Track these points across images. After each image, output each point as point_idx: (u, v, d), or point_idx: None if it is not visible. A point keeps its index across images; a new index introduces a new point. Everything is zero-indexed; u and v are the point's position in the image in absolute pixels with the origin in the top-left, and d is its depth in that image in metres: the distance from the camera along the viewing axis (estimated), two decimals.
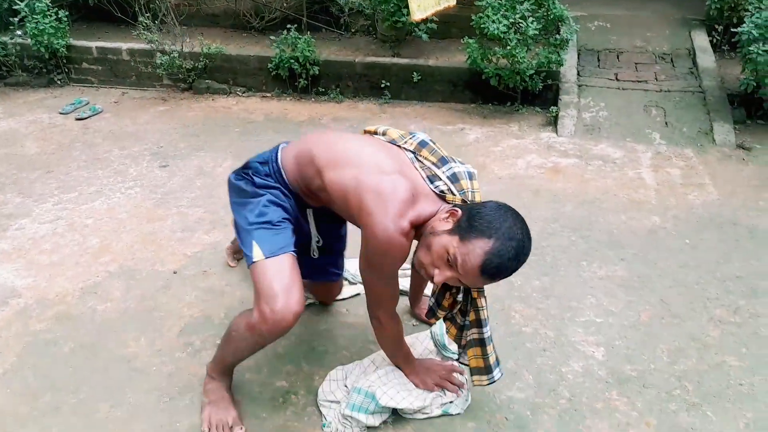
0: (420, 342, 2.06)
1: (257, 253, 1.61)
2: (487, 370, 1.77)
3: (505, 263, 1.41)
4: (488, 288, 2.39)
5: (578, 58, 4.53)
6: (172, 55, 4.53)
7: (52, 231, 2.89)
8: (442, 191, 1.59)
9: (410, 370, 1.86)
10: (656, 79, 4.26)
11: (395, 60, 4.51)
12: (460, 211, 1.49)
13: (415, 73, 4.39)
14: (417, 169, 1.63)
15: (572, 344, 2.12)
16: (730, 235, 2.76)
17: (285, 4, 5.13)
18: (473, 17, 3.91)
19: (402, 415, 1.82)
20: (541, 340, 2.14)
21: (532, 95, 4.24)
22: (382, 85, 4.46)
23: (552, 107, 4.06)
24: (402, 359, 1.85)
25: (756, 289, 2.39)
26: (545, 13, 3.90)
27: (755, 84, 3.65)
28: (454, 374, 1.90)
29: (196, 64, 4.63)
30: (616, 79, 4.31)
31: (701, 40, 4.57)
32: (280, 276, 1.58)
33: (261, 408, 1.88)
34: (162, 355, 2.10)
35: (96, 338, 2.18)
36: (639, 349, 2.10)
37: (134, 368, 2.04)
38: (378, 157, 1.59)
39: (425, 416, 1.82)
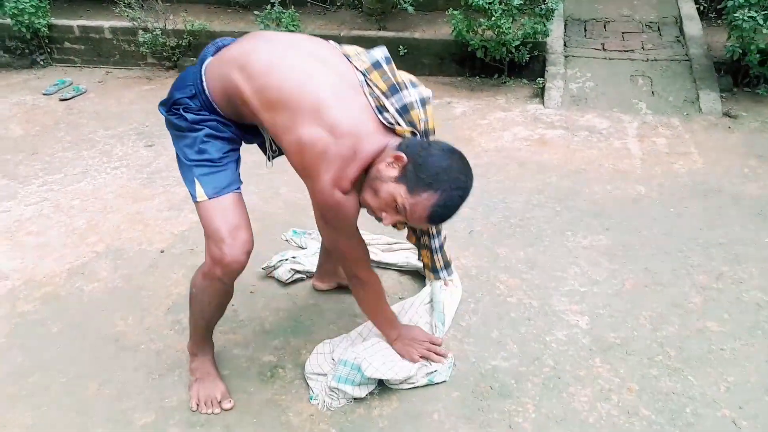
0: (408, 310, 2.09)
1: (200, 192, 1.59)
2: (433, 269, 2.10)
3: (450, 211, 1.50)
4: (472, 258, 2.42)
5: (565, 28, 4.50)
6: (155, 33, 4.47)
7: (38, 213, 2.88)
8: (390, 123, 1.52)
9: (395, 337, 1.88)
10: (643, 48, 4.24)
11: (381, 33, 4.46)
12: (405, 158, 1.45)
13: (401, 46, 4.35)
14: (366, 95, 1.52)
15: (556, 313, 2.15)
16: (714, 203, 2.78)
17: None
18: None
19: (388, 386, 1.85)
20: (526, 309, 2.17)
21: (519, 67, 4.21)
22: None
23: (539, 79, 4.04)
24: (385, 322, 1.87)
25: (738, 255, 2.41)
26: None
27: (741, 51, 3.64)
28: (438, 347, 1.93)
29: (180, 42, 4.57)
30: (603, 48, 4.29)
31: (688, 8, 4.54)
32: (225, 217, 1.58)
33: (249, 382, 1.90)
34: (150, 333, 2.11)
35: (84, 318, 2.19)
36: (622, 316, 2.13)
37: (123, 347, 2.06)
38: (320, 92, 1.45)
39: (411, 386, 1.85)
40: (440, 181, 1.44)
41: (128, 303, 2.26)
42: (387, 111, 1.52)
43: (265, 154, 1.81)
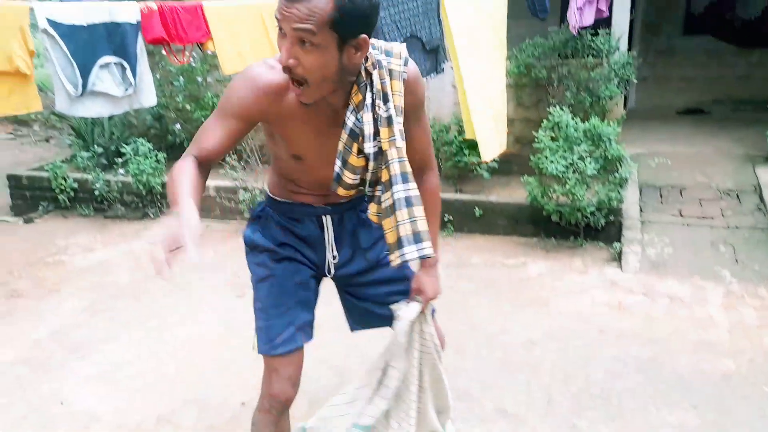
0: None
1: (257, 344, 1.77)
2: (398, 243, 1.56)
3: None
4: (550, 430, 2.36)
5: (640, 193, 4.61)
6: (253, 192, 4.95)
7: (135, 357, 3.10)
8: None
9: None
10: (722, 215, 4.25)
11: (458, 196, 4.74)
12: None
13: (477, 207, 4.58)
14: None
15: None
16: None
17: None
18: (531, 157, 4.13)
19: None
20: None
21: (594, 230, 4.31)
22: (446, 219, 4.66)
23: (615, 243, 4.09)
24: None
25: None
26: (603, 153, 4.07)
27: None
28: None
29: None
30: (680, 215, 4.33)
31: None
32: (277, 374, 1.73)
33: None
34: None
35: None
36: None
37: None
38: None
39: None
40: None
41: None
42: None
43: (324, 269, 1.82)
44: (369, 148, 1.52)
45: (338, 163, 1.57)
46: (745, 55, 7.24)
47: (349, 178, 1.58)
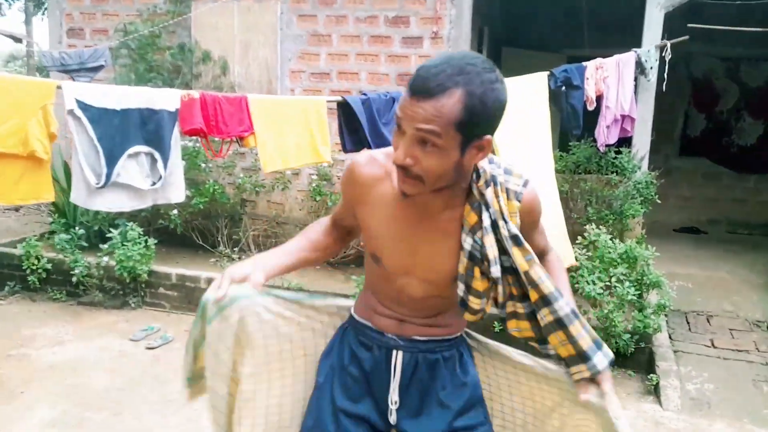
0: None
1: None
2: (581, 357, 1.39)
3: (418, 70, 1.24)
4: None
5: (666, 319, 4.38)
6: None
7: None
8: None
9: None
10: (757, 349, 4.03)
11: None
12: None
13: (496, 323, 4.25)
14: None
15: None
16: None
17: (360, 243, 5.27)
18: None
19: None
20: None
21: (623, 356, 4.01)
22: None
23: (650, 375, 3.79)
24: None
25: None
26: (639, 277, 3.85)
27: None
28: None
29: None
30: (713, 346, 4.10)
31: None
32: None
33: None
34: None
35: None
36: None
37: None
38: None
39: None
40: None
41: None
42: None
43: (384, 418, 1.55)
44: (496, 272, 1.38)
45: (461, 287, 1.42)
46: (741, 179, 7.38)
47: (475, 303, 1.43)
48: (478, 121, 1.21)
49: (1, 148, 2.40)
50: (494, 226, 1.37)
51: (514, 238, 1.37)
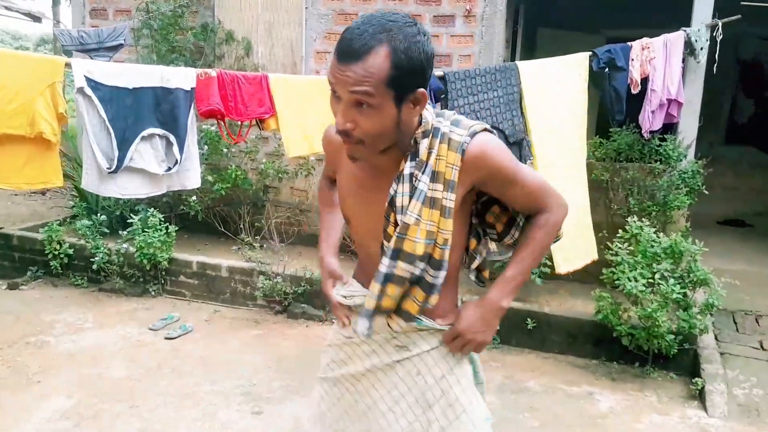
0: None
1: None
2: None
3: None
4: None
5: (712, 319, 4.09)
6: (275, 280, 4.39)
7: None
8: None
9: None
10: None
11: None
12: None
13: (529, 319, 4.03)
14: None
15: None
16: None
17: None
18: (604, 271, 3.63)
19: None
20: None
21: (664, 358, 3.76)
22: None
23: (695, 378, 3.53)
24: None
25: None
26: (684, 274, 3.58)
27: None
28: None
29: (296, 289, 4.45)
30: (762, 348, 3.82)
31: None
32: None
33: None
34: None
35: None
36: None
37: None
38: None
39: None
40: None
41: None
42: None
43: None
44: (402, 219, 1.40)
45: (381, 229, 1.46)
46: None
47: (385, 245, 1.47)
48: (408, 75, 1.25)
49: (7, 129, 2.27)
50: (411, 177, 1.38)
51: (432, 201, 1.36)
